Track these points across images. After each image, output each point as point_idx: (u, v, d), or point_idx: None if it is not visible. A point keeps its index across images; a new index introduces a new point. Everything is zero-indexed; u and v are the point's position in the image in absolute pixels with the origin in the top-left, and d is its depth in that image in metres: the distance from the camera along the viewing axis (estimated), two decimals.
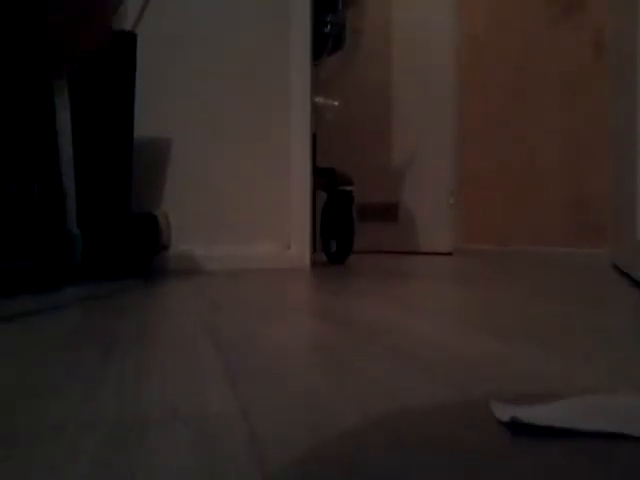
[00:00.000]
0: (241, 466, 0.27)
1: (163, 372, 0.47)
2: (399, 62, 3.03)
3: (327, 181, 2.10)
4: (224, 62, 1.73)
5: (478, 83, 2.84)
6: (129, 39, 1.40)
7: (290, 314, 0.83)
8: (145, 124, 1.57)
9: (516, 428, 0.33)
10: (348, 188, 2.09)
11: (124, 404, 0.38)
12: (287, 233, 1.77)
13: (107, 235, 1.31)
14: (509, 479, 0.26)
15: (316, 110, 2.25)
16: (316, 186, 2.01)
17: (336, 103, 2.59)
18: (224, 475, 0.26)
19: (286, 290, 1.17)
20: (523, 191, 2.59)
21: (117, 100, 1.36)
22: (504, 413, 0.35)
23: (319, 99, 2.36)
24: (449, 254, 2.77)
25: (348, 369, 0.47)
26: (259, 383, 0.43)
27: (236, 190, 1.74)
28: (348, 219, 2.05)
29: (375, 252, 2.87)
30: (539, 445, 0.31)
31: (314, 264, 1.77)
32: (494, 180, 2.74)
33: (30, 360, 0.52)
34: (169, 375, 0.46)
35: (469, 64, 2.88)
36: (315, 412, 0.36)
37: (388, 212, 3.02)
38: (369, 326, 0.70)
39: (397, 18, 3.03)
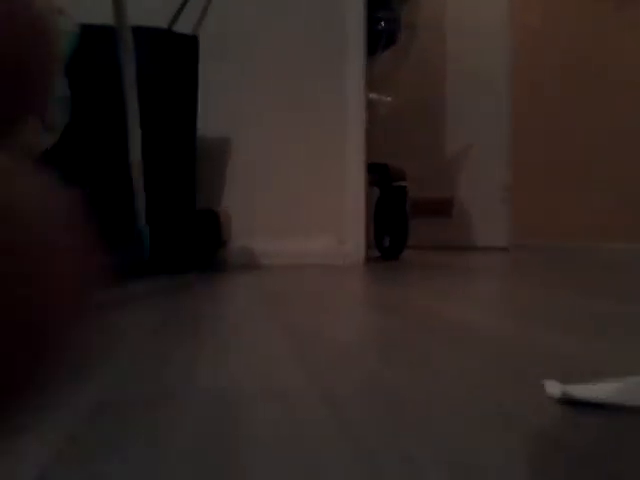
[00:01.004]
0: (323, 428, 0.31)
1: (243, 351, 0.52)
2: (453, 57, 3.01)
3: (380, 177, 2.12)
4: (282, 61, 1.77)
5: (532, 78, 2.80)
6: (191, 42, 1.46)
7: (350, 306, 0.86)
8: (206, 123, 1.63)
9: (566, 403, 0.36)
10: (402, 184, 2.10)
11: (219, 376, 0.42)
12: (342, 229, 1.80)
13: (173, 230, 1.38)
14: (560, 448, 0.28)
15: (370, 106, 2.26)
16: (369, 182, 2.03)
17: (389, 99, 2.60)
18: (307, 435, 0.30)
19: (344, 284, 1.20)
20: (579, 186, 2.54)
21: (181, 101, 1.42)
22: (555, 389, 0.38)
23: (373, 95, 2.38)
24: (505, 249, 2.74)
25: (409, 355, 0.50)
26: (328, 367, 0.47)
27: (292, 187, 1.78)
28: (402, 215, 2.06)
29: (429, 248, 2.88)
30: (584, 419, 0.33)
31: (368, 260, 1.80)
32: (550, 175, 2.70)
33: (131, 343, 0.57)
34: (252, 356, 0.50)
35: (524, 58, 2.84)
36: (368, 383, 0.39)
37: (442, 207, 3.02)
38: (427, 317, 0.72)
39: (452, 13, 3.01)
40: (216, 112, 1.69)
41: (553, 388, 0.38)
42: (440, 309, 0.82)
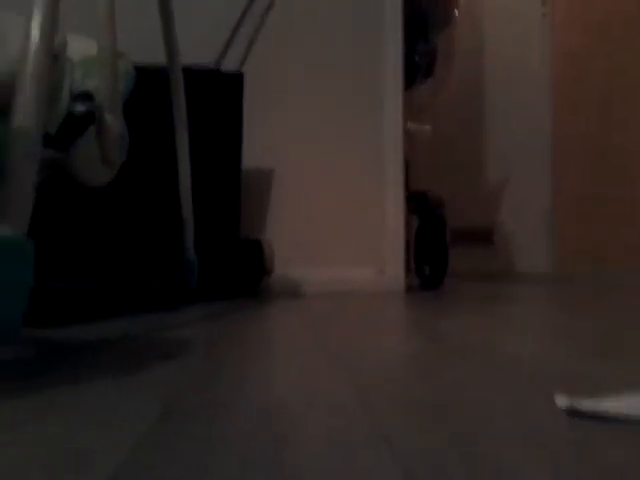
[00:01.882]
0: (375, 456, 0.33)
1: (294, 372, 0.54)
2: (492, 83, 3.04)
3: (419, 205, 2.14)
4: (322, 95, 1.83)
5: (573, 100, 2.79)
6: (236, 79, 1.52)
7: (392, 333, 0.88)
8: (251, 156, 1.68)
9: (574, 415, 0.39)
10: (441, 213, 2.11)
11: (268, 390, 0.45)
12: (382, 257, 1.83)
13: (219, 259, 1.42)
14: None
15: (409, 136, 2.30)
16: (409, 210, 2.05)
17: (428, 128, 2.63)
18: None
19: (385, 312, 1.22)
20: (625, 211, 2.50)
21: (227, 136, 1.48)
22: (564, 402, 0.41)
23: (411, 125, 2.41)
24: (548, 276, 2.71)
25: (448, 378, 0.52)
26: (376, 387, 0.49)
27: (332, 217, 1.82)
28: (442, 244, 2.07)
29: (471, 275, 2.87)
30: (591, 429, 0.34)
31: (409, 288, 1.82)
32: (592, 201, 2.67)
33: (190, 358, 0.61)
34: (298, 374, 0.53)
35: (563, 80, 2.84)
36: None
37: (484, 235, 3.01)
38: (470, 344, 0.74)
39: (489, 39, 3.04)
40: (260, 146, 1.75)
41: (562, 401, 0.41)
42: (481, 337, 0.83)
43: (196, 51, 1.54)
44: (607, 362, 0.63)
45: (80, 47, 0.98)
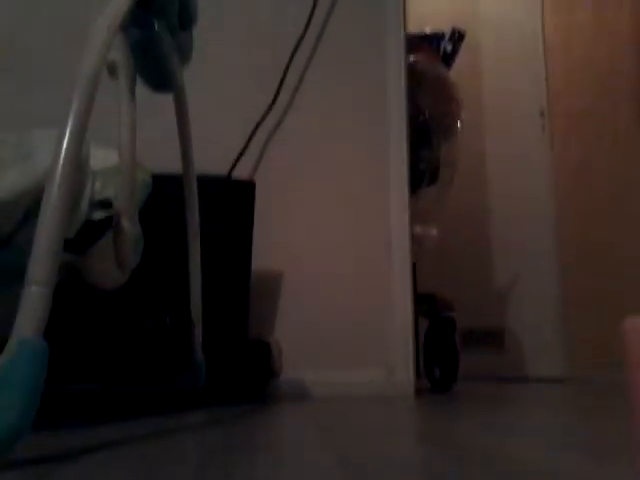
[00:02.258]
0: None
1: None
2: (495, 190, 3.13)
3: (428, 308, 2.15)
4: (330, 200, 1.90)
5: (576, 203, 2.86)
6: (248, 188, 1.59)
7: (404, 440, 0.87)
8: (260, 258, 1.73)
9: None
10: (450, 315, 2.12)
11: None
12: (391, 360, 1.81)
13: (226, 361, 1.42)
14: None
15: (415, 239, 2.35)
16: (417, 312, 2.06)
17: (434, 231, 2.69)
18: None
19: (396, 417, 1.20)
20: (635, 311, 2.49)
21: (237, 241, 1.53)
22: None
23: (418, 229, 2.47)
24: (560, 381, 2.65)
25: None
26: None
27: (341, 319, 1.83)
28: (452, 346, 2.06)
29: (481, 378, 2.81)
30: None
31: (419, 391, 1.79)
32: (604, 304, 2.67)
33: (197, 464, 0.61)
34: None
35: (565, 187, 2.92)
36: None
37: (493, 337, 2.98)
38: (481, 451, 0.73)
39: (491, 150, 3.17)
40: (270, 247, 1.80)
41: None
42: (495, 444, 0.82)
43: (210, 156, 1.62)
44: (620, 468, 0.62)
45: (100, 157, 1.05)
